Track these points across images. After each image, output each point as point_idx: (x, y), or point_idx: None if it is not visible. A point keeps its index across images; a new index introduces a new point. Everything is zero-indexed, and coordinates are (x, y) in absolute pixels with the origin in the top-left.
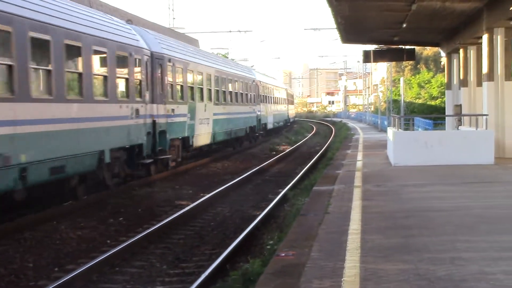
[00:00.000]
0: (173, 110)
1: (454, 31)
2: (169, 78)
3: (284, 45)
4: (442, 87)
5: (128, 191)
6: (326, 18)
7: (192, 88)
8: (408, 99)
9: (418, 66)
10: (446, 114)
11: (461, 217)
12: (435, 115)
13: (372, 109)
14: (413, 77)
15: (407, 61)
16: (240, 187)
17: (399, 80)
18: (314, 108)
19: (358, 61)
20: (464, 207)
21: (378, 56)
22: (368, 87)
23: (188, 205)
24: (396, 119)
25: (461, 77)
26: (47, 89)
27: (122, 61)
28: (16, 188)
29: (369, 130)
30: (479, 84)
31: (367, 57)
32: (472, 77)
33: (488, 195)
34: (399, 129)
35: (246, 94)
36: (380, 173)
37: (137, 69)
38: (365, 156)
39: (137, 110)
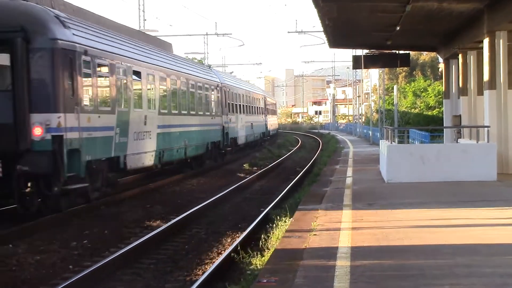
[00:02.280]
0: (230, 119)
1: (453, 35)
2: (227, 99)
3: (266, 49)
4: (440, 96)
5: (92, 211)
6: (312, 20)
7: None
8: (403, 109)
9: (414, 73)
10: (444, 125)
11: (460, 238)
12: (432, 127)
13: (363, 120)
14: (408, 85)
15: (401, 68)
16: (218, 206)
17: (392, 88)
18: (299, 119)
19: (348, 68)
20: (464, 227)
21: (370, 61)
22: (359, 96)
23: (159, 226)
24: (389, 131)
25: (461, 85)
26: (185, 108)
27: (211, 90)
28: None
29: (359, 143)
30: (480, 92)
31: (357, 63)
32: (472, 85)
33: (490, 215)
34: (393, 142)
35: (207, 101)
36: (372, 190)
37: (214, 94)
38: (355, 172)
39: (216, 119)
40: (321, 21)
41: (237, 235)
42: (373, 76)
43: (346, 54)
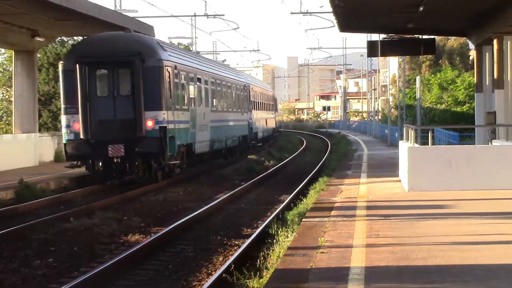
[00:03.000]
0: (253, 115)
1: (486, 16)
2: (251, 98)
3: (265, 34)
4: (471, 89)
5: (59, 224)
6: None
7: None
8: (427, 104)
9: (440, 61)
10: (476, 124)
11: (495, 257)
12: (461, 126)
13: (380, 117)
14: (433, 76)
15: (425, 56)
16: (208, 218)
17: (414, 80)
18: (304, 116)
19: (362, 55)
20: (499, 244)
21: (388, 48)
22: (375, 89)
23: (138, 242)
24: (411, 131)
25: (496, 76)
26: (225, 106)
27: (240, 90)
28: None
29: (375, 145)
30: None
31: (373, 49)
32: (509, 76)
33: None
34: (415, 144)
35: (238, 100)
36: (389, 200)
37: (242, 93)
38: (370, 178)
39: (245, 115)
40: (330, 0)
41: (231, 252)
42: (391, 65)
43: (360, 40)
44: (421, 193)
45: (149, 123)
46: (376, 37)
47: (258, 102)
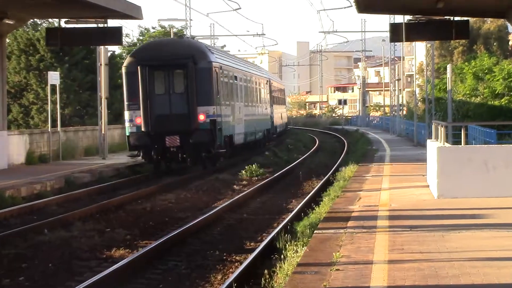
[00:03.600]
0: (273, 110)
1: None
2: (272, 93)
3: (271, 15)
4: (511, 80)
5: (32, 237)
6: None
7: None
8: (459, 97)
9: (475, 47)
10: None
11: None
12: (499, 122)
13: (404, 112)
14: (466, 64)
15: (458, 40)
16: (204, 230)
17: (445, 68)
18: (316, 111)
19: (383, 40)
20: None
21: (414, 32)
22: (399, 79)
23: (123, 257)
24: (441, 128)
25: None
26: (254, 101)
27: (264, 85)
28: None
29: (399, 144)
30: None
31: (396, 33)
32: None
33: None
34: (445, 143)
35: (263, 95)
36: (416, 208)
37: (265, 88)
38: (393, 183)
39: (268, 110)
40: None
41: (231, 270)
42: (418, 52)
43: (381, 22)
44: (453, 200)
45: (201, 117)
46: (400, 18)
47: (275, 96)
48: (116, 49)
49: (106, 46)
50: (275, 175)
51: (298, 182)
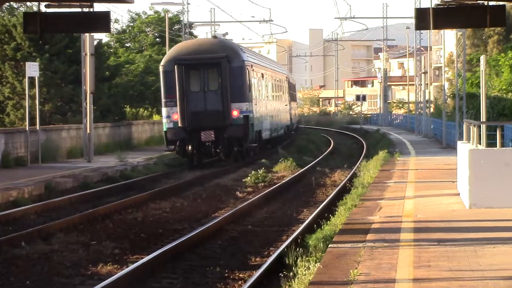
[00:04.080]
0: (291, 107)
1: None
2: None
3: None
4: None
5: (7, 250)
6: None
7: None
8: (494, 93)
9: None
10: None
11: None
12: None
13: (432, 109)
14: (502, 55)
15: (493, 28)
16: (203, 244)
17: (478, 60)
18: (331, 108)
19: (408, 28)
20: None
21: (443, 18)
22: (425, 72)
23: (111, 274)
24: (473, 128)
25: None
26: (278, 98)
27: (283, 82)
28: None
29: (425, 146)
30: None
31: (422, 20)
32: None
33: None
34: (478, 145)
35: (284, 92)
36: (444, 221)
37: (285, 85)
38: (418, 191)
39: (287, 106)
40: None
41: None
42: (447, 41)
43: (406, 7)
44: (486, 211)
45: (235, 113)
46: (427, 3)
47: (291, 93)
48: (103, 37)
49: (92, 34)
50: (284, 181)
51: (310, 189)
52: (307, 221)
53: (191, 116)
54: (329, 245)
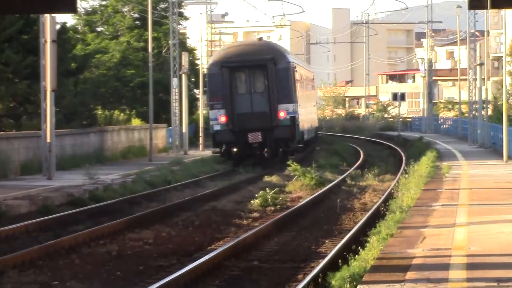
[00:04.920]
0: (317, 107)
1: None
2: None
3: None
4: None
5: None
6: None
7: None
8: None
9: None
10: None
11: None
12: None
13: (490, 112)
14: None
15: None
16: (196, 284)
17: None
18: (361, 110)
19: (459, 6)
20: None
21: None
22: (481, 64)
23: None
24: None
25: None
26: (312, 99)
27: (312, 81)
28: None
29: (482, 159)
30: None
31: None
32: None
33: None
34: None
35: (313, 93)
36: (506, 254)
37: (313, 85)
38: (473, 216)
39: (315, 108)
40: None
41: None
42: (510, 25)
43: None
44: None
45: (282, 114)
46: None
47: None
48: (69, 19)
49: (53, 15)
50: (300, 204)
51: (333, 213)
52: (329, 255)
53: (238, 118)
54: (358, 286)
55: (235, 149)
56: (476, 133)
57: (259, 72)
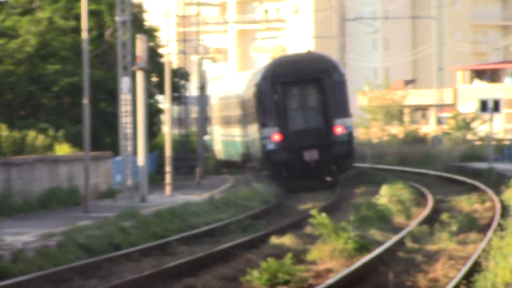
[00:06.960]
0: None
1: None
2: None
3: None
4: None
5: None
6: None
7: None
8: None
9: None
10: None
11: None
12: None
13: None
14: None
15: None
16: None
17: None
18: (429, 128)
19: None
20: None
21: None
22: None
23: None
24: None
25: None
26: None
27: None
28: None
29: None
30: None
31: None
32: None
33: None
34: None
35: None
36: None
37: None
38: None
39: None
40: None
41: None
42: None
43: None
44: None
45: (339, 129)
46: None
47: None
48: None
49: None
50: (329, 282)
51: None
52: None
53: (292, 135)
54: None
55: (285, 171)
56: None
57: (313, 86)
